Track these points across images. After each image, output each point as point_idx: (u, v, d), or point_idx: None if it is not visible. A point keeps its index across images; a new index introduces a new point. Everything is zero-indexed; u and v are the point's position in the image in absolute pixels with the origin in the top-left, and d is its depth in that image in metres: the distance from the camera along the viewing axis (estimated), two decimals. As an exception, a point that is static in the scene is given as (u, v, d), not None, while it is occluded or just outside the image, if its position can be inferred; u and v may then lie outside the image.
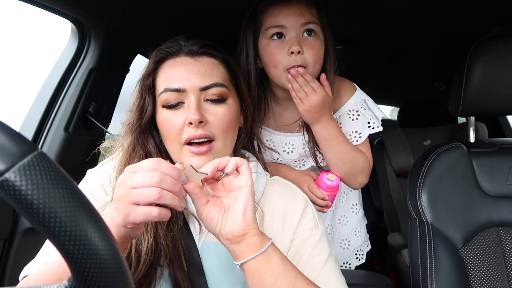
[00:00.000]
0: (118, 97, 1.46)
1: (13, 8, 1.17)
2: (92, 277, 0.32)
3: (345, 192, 1.30)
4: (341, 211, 1.31)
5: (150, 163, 0.57)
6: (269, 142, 1.15)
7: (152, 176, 0.56)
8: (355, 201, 1.33)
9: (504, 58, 1.07)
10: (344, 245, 1.31)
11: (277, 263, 0.63)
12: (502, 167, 1.12)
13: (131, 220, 0.56)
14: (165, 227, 0.71)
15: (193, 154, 0.74)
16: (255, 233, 0.63)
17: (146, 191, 0.55)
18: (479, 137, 1.26)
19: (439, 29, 1.56)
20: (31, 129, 1.23)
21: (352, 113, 1.11)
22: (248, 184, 0.63)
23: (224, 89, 0.77)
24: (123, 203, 0.56)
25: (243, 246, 0.62)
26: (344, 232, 1.31)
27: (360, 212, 1.34)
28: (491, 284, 1.03)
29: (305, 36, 0.96)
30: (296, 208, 0.81)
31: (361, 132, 1.11)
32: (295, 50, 0.93)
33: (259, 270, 0.62)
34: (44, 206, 0.31)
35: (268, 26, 0.96)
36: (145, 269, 0.68)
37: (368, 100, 1.12)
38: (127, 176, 0.57)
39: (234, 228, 0.62)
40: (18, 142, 0.32)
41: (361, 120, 1.10)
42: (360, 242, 1.33)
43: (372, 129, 1.10)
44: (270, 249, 0.63)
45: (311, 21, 0.95)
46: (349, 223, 1.31)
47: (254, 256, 0.62)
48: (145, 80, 0.79)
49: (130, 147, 0.78)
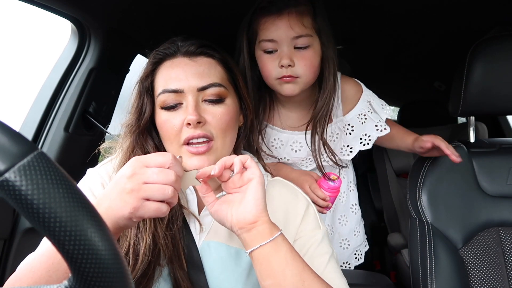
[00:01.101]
0: (118, 97, 1.45)
1: (13, 8, 1.17)
2: (92, 277, 0.32)
3: (344, 192, 1.30)
4: (341, 211, 1.31)
5: (166, 158, 0.58)
6: (277, 140, 1.15)
7: (169, 174, 0.57)
8: (354, 201, 1.33)
9: (504, 58, 1.07)
10: (344, 245, 1.32)
11: (286, 252, 0.64)
12: (502, 167, 1.12)
13: (139, 215, 0.56)
14: (164, 226, 0.72)
15: (192, 154, 0.74)
16: (266, 221, 0.65)
17: (162, 188, 0.56)
18: (479, 137, 1.26)
19: (439, 29, 1.56)
20: (31, 129, 1.23)
21: (360, 117, 1.13)
22: (256, 175, 0.66)
23: (222, 89, 0.76)
24: (135, 197, 0.56)
25: (254, 233, 0.64)
26: (344, 232, 1.31)
27: (358, 212, 1.34)
28: (491, 284, 1.03)
29: (296, 50, 0.96)
30: (298, 209, 0.82)
31: (370, 135, 1.13)
32: (285, 64, 0.95)
33: (268, 257, 0.64)
34: (44, 206, 0.31)
35: (261, 39, 0.97)
36: (143, 268, 0.68)
37: (373, 102, 1.13)
38: (139, 170, 0.57)
39: (245, 215, 0.64)
40: (18, 142, 0.32)
41: (369, 123, 1.12)
42: (359, 242, 1.34)
43: (380, 132, 1.12)
44: (280, 238, 0.65)
45: (302, 34, 0.94)
46: (349, 223, 1.31)
47: (264, 243, 0.64)
48: (143, 81, 0.79)
49: (129, 148, 0.78)
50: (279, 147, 1.16)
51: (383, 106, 1.14)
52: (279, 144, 1.15)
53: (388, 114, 1.14)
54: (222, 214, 0.67)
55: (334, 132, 1.15)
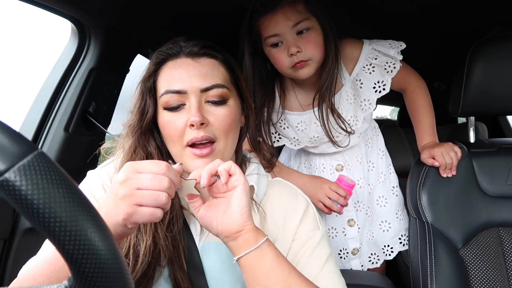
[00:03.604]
0: (118, 97, 1.45)
1: (13, 8, 1.17)
2: (92, 277, 0.32)
3: (382, 173, 1.34)
4: (379, 191, 1.34)
5: (159, 167, 0.57)
6: (301, 124, 1.21)
7: (162, 180, 0.56)
8: (395, 183, 1.37)
9: (504, 58, 1.07)
10: (384, 227, 1.33)
11: (271, 258, 0.64)
12: (502, 167, 1.12)
13: (133, 221, 0.56)
14: (164, 227, 0.72)
15: (195, 156, 0.74)
16: (251, 229, 0.65)
17: (155, 195, 0.56)
18: (479, 137, 1.26)
19: (439, 29, 1.56)
20: (31, 129, 1.23)
21: (367, 68, 1.15)
22: (241, 182, 0.65)
23: (224, 90, 0.76)
24: (127, 203, 0.55)
25: (239, 241, 0.64)
26: (383, 213, 1.33)
27: (400, 195, 1.36)
28: (491, 284, 1.03)
29: (299, 35, 1.01)
30: (297, 209, 0.81)
31: (383, 80, 1.15)
32: (293, 51, 1.01)
33: (253, 265, 0.64)
34: (44, 206, 0.31)
35: (265, 37, 1.03)
36: (143, 269, 0.68)
37: (377, 46, 1.15)
38: (132, 175, 0.56)
39: (230, 225, 0.64)
40: (18, 142, 0.32)
41: (378, 70, 1.15)
42: (403, 226, 1.34)
43: (391, 73, 1.14)
44: (265, 245, 0.65)
45: (299, 20, 1.00)
46: (389, 204, 1.33)
47: (248, 251, 0.63)
48: (146, 81, 0.79)
49: (131, 149, 0.78)
50: (304, 129, 1.21)
51: (391, 43, 1.15)
52: (303, 126, 1.21)
53: (400, 47, 1.14)
54: (208, 221, 0.66)
55: (349, 94, 1.18)
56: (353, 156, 1.30)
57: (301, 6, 1.00)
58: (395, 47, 1.14)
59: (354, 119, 1.18)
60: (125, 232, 0.58)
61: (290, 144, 1.25)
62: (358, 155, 1.30)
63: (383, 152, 1.37)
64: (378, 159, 1.35)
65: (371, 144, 1.35)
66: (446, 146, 1.12)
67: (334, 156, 1.30)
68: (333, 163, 1.30)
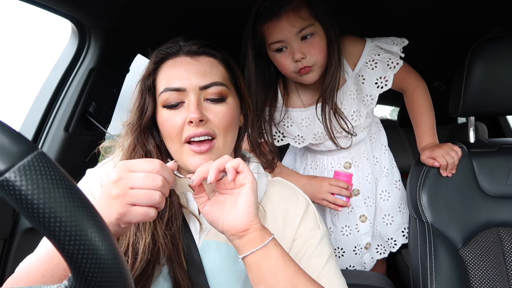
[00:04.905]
0: (118, 97, 1.45)
1: (13, 8, 1.17)
2: (92, 277, 0.32)
3: (385, 167, 1.36)
4: (382, 186, 1.35)
5: (152, 165, 0.57)
6: (305, 120, 1.22)
7: (156, 179, 0.56)
8: (398, 177, 1.40)
9: (504, 58, 1.07)
10: (387, 220, 1.34)
11: (277, 258, 0.64)
12: (502, 167, 1.12)
13: (127, 220, 0.56)
14: (164, 225, 0.71)
15: (194, 153, 0.74)
16: (257, 228, 0.64)
17: (148, 194, 0.55)
18: (479, 137, 1.26)
19: (439, 29, 1.56)
20: (31, 129, 1.23)
21: (370, 63, 1.16)
22: (249, 180, 0.64)
23: (223, 88, 0.77)
24: (120, 202, 0.55)
25: (246, 240, 0.64)
26: (386, 207, 1.35)
27: (402, 189, 1.38)
28: (491, 284, 1.03)
29: (303, 41, 1.02)
30: (298, 209, 0.81)
31: (385, 76, 1.16)
32: (298, 58, 1.02)
33: (259, 264, 0.63)
34: (44, 206, 0.31)
35: (270, 42, 1.04)
36: (142, 267, 0.68)
37: (380, 43, 1.16)
38: (125, 175, 0.56)
39: (237, 223, 0.63)
40: (18, 142, 0.32)
41: (380, 66, 1.16)
42: (406, 219, 1.36)
43: (394, 69, 1.15)
44: (271, 244, 0.64)
45: (303, 27, 1.01)
46: (392, 198, 1.35)
47: (254, 250, 0.63)
48: (145, 80, 0.79)
49: (130, 147, 0.78)
50: (308, 125, 1.22)
51: (394, 40, 1.16)
52: (307, 122, 1.22)
53: (402, 43, 1.14)
54: (214, 217, 0.66)
55: (352, 89, 1.19)
56: (360, 153, 1.31)
57: (305, 11, 1.01)
58: (398, 44, 1.14)
59: (357, 114, 1.19)
60: (119, 231, 0.58)
61: (294, 142, 1.25)
62: (364, 151, 1.31)
63: (385, 147, 1.39)
64: (382, 154, 1.37)
65: (375, 139, 1.36)
66: (446, 146, 1.12)
67: (341, 154, 1.30)
68: (341, 161, 1.31)
